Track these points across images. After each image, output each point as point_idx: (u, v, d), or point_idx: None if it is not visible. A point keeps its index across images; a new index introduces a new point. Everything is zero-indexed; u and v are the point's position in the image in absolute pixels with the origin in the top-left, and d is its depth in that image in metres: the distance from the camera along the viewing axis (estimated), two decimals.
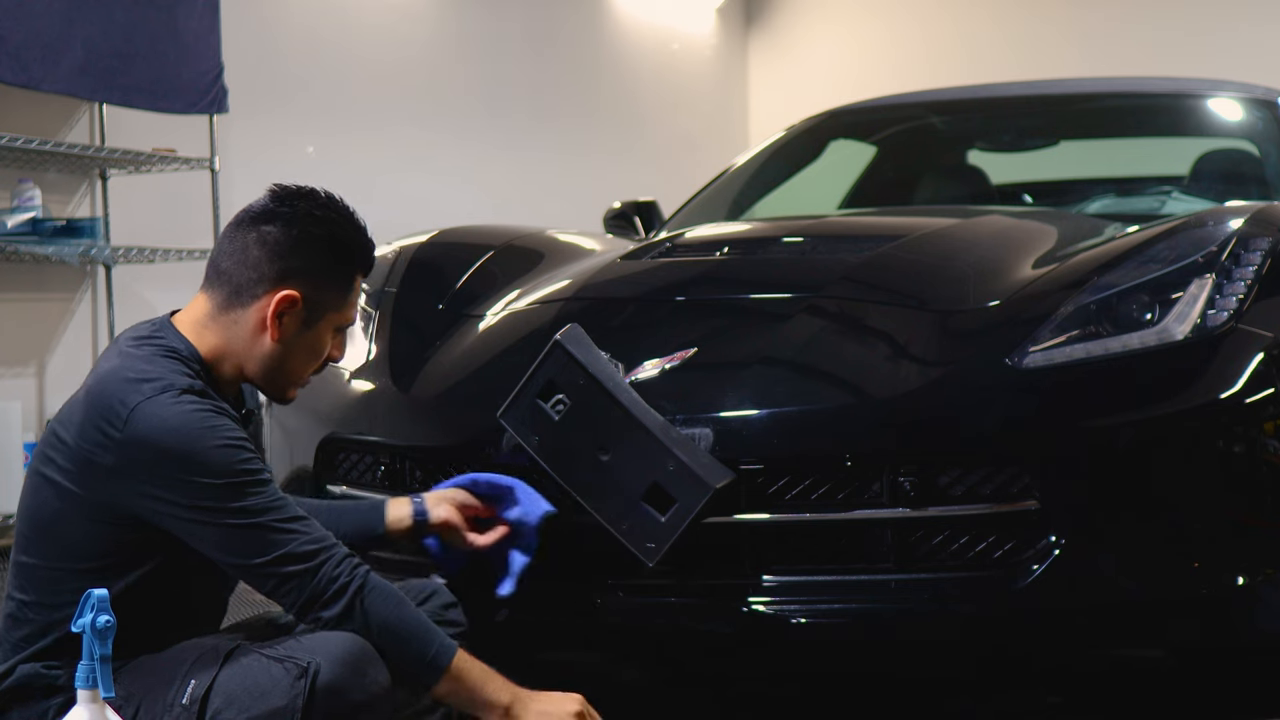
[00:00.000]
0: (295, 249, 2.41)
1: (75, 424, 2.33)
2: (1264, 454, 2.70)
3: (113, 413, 2.28)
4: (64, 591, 2.32)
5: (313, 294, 2.42)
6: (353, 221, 2.50)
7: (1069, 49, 9.16)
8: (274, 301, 2.40)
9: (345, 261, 2.47)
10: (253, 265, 2.41)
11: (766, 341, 2.91)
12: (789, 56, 10.20)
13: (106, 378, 2.34)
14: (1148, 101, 4.97)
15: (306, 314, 2.43)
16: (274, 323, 2.40)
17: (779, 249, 3.49)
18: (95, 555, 2.32)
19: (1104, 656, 2.76)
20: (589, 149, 8.77)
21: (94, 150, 5.76)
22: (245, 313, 2.41)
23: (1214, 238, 2.93)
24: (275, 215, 2.43)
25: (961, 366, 2.83)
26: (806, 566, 2.71)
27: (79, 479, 2.31)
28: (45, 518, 2.35)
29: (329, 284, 2.45)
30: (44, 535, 2.35)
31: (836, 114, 5.11)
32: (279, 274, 2.40)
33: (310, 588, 2.29)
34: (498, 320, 3.25)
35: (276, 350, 2.42)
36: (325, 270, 2.44)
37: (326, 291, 2.44)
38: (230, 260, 2.43)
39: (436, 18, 7.85)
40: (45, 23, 5.37)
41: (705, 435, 2.71)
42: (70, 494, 2.31)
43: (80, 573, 2.32)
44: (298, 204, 2.45)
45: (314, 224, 2.43)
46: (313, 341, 2.46)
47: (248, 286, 2.41)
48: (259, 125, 6.74)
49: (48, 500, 2.34)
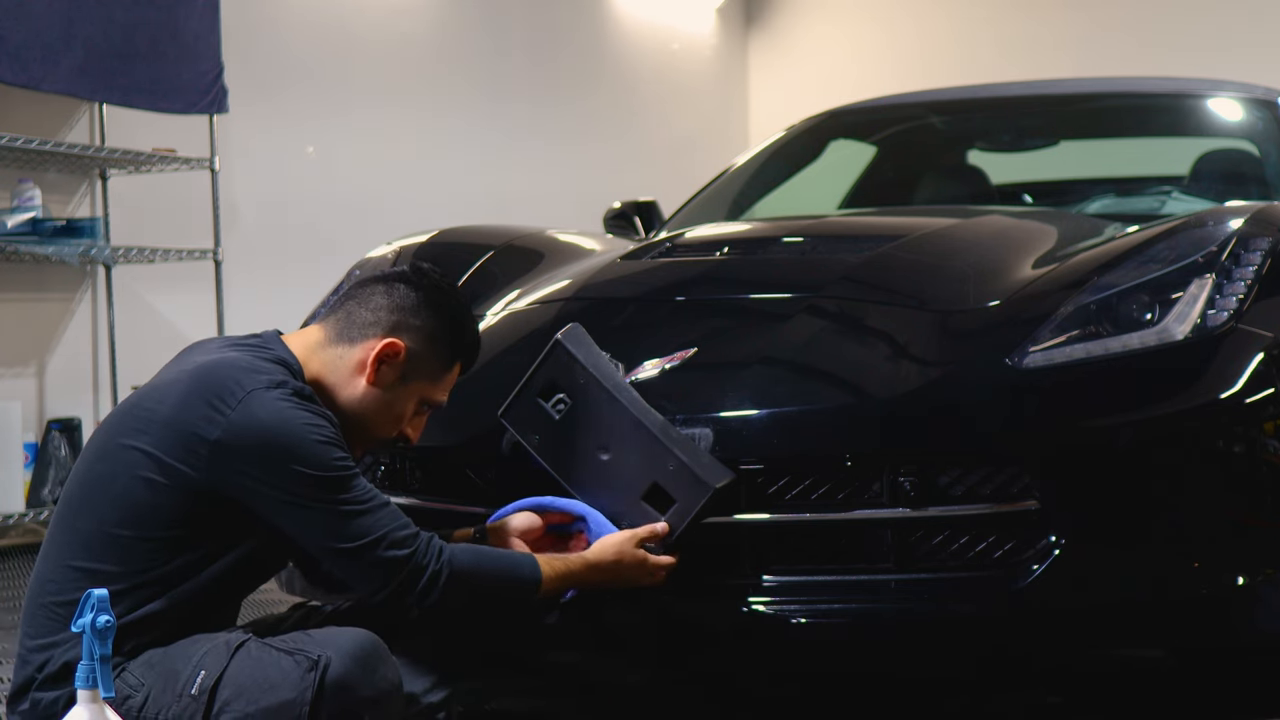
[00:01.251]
0: (416, 309, 2.55)
1: (174, 400, 2.37)
2: (1264, 454, 2.70)
3: (227, 391, 2.34)
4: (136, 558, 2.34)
5: (416, 353, 2.53)
6: (470, 314, 2.65)
7: (1069, 49, 9.16)
8: (380, 345, 2.51)
9: (453, 340, 2.59)
10: (373, 309, 2.54)
11: (766, 341, 2.91)
12: (789, 56, 10.19)
13: (219, 365, 2.40)
14: (1148, 101, 4.97)
15: (404, 369, 2.53)
16: (374, 366, 2.51)
17: (779, 249, 3.49)
18: (164, 525, 2.34)
19: (1104, 656, 2.76)
20: (589, 149, 8.77)
21: (94, 150, 5.76)
22: (351, 350, 2.52)
23: (1214, 238, 2.93)
24: (408, 278, 2.58)
25: (961, 366, 2.83)
26: (806, 566, 2.71)
27: (173, 450, 2.33)
28: (119, 485, 2.36)
29: (432, 353, 2.56)
30: (108, 499, 2.36)
31: (836, 114, 5.11)
32: (393, 325, 2.53)
33: (407, 569, 2.36)
34: (498, 320, 3.25)
35: (367, 395, 2.51)
36: (434, 338, 2.55)
37: (427, 359, 2.55)
38: (354, 301, 2.57)
39: (437, 18, 7.85)
40: (45, 23, 5.37)
41: (705, 435, 2.71)
42: (158, 462, 2.34)
43: (140, 541, 2.33)
44: (432, 276, 2.61)
45: (439, 295, 2.58)
46: (398, 402, 2.55)
47: (361, 327, 2.53)
48: (259, 125, 6.74)
49: (126, 466, 2.36)
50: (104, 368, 6.12)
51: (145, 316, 6.27)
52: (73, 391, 6.03)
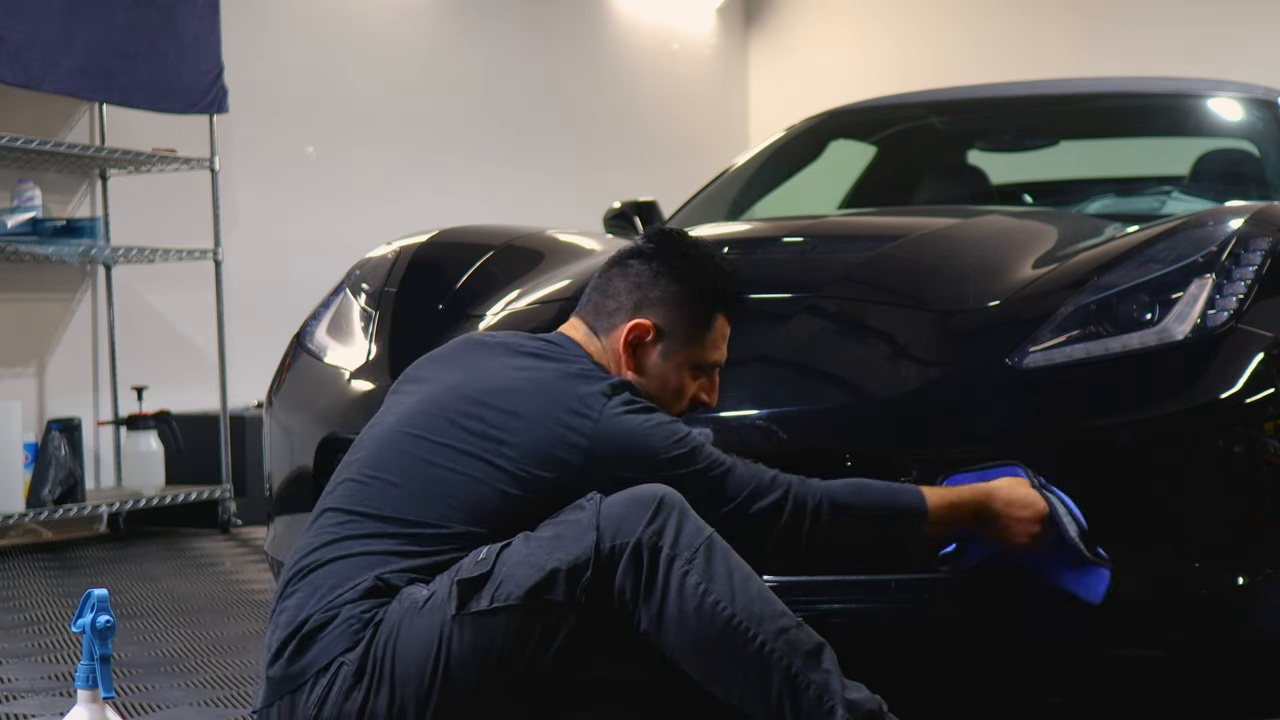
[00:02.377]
0: (654, 281, 2.51)
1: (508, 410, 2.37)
2: (1264, 454, 2.70)
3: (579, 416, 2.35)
4: None
5: (667, 325, 2.50)
6: (715, 261, 2.57)
7: (1069, 49, 9.16)
8: (626, 330, 2.49)
9: (703, 296, 2.52)
10: (614, 296, 2.53)
11: (766, 341, 2.91)
12: (789, 56, 10.19)
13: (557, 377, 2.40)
14: (1148, 101, 4.97)
15: (662, 346, 2.50)
16: (627, 352, 2.49)
17: (779, 249, 3.49)
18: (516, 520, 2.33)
19: (1104, 656, 2.76)
20: (589, 148, 8.77)
21: (94, 150, 5.76)
22: (608, 341, 2.52)
23: (1214, 238, 2.93)
24: (641, 252, 2.55)
25: (961, 366, 2.83)
26: (807, 566, 2.71)
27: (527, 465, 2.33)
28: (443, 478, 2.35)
29: (684, 318, 2.51)
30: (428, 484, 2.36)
31: (836, 114, 5.11)
32: (635, 305, 2.51)
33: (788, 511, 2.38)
34: (498, 320, 3.25)
35: (638, 383, 2.48)
36: (680, 303, 2.51)
37: (681, 325, 2.51)
38: (597, 293, 2.56)
39: (437, 18, 7.85)
40: (45, 23, 5.37)
41: (705, 435, 2.71)
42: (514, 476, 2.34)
43: None
44: (663, 240, 2.56)
45: (675, 257, 2.53)
46: (670, 377, 2.52)
47: (609, 315, 2.52)
48: (259, 125, 6.74)
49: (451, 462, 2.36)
50: (104, 368, 6.12)
51: (145, 316, 6.27)
52: (73, 391, 6.03)
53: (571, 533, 2.24)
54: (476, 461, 2.35)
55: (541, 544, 2.24)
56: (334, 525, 2.36)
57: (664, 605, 2.20)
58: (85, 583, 4.68)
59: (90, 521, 5.96)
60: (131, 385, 6.00)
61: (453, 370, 2.50)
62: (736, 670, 2.21)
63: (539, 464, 2.34)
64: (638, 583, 2.21)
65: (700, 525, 2.24)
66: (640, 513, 2.23)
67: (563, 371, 2.43)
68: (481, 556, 2.25)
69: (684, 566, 2.20)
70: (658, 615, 2.21)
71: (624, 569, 2.21)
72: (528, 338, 2.54)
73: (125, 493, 5.85)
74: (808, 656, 2.21)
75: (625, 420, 2.36)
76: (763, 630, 2.20)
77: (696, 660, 2.23)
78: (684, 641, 2.21)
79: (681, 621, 2.20)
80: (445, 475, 2.35)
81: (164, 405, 6.01)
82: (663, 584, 2.20)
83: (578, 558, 2.21)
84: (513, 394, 2.40)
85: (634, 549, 2.21)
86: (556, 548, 2.22)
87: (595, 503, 2.27)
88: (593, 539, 2.21)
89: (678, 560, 2.20)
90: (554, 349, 2.50)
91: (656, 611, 2.21)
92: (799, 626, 2.23)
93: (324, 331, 3.40)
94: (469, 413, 2.39)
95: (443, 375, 2.50)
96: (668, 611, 2.20)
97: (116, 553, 5.45)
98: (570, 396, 2.37)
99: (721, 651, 2.21)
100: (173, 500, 5.77)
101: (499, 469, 2.34)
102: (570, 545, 2.22)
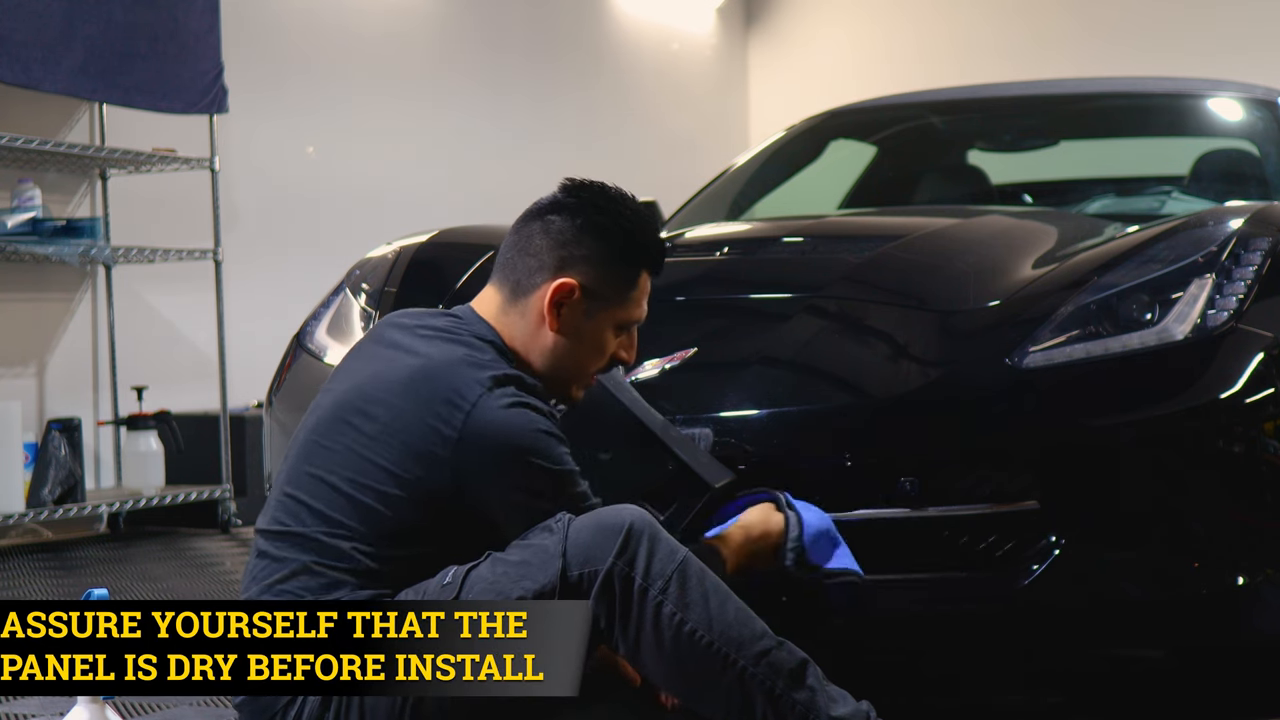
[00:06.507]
0: (578, 237, 2.41)
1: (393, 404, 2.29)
2: (1264, 454, 2.70)
3: (451, 406, 2.26)
4: None
5: (592, 284, 2.41)
6: (639, 215, 2.48)
7: (1068, 49, 9.16)
8: (551, 290, 2.39)
9: (628, 253, 2.44)
10: (535, 254, 2.42)
11: (766, 341, 2.91)
12: (789, 56, 10.19)
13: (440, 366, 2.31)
14: (1148, 101, 4.97)
15: (586, 305, 2.41)
16: (551, 312, 2.39)
17: (779, 249, 3.49)
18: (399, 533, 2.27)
19: (1104, 656, 2.76)
20: (589, 148, 8.77)
21: (94, 150, 5.76)
22: (528, 303, 2.41)
23: (1214, 238, 2.93)
24: (561, 206, 2.44)
25: (961, 366, 2.83)
26: None
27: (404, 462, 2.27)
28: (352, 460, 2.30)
29: (609, 275, 2.42)
30: None
31: (836, 114, 5.11)
32: (559, 262, 2.40)
33: None
34: None
35: (558, 343, 2.40)
36: (606, 260, 2.41)
37: (607, 283, 2.42)
38: (515, 251, 2.44)
39: (437, 18, 7.85)
40: (45, 23, 5.37)
41: (705, 435, 2.71)
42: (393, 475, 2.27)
43: None
44: (584, 194, 2.45)
45: (598, 213, 2.43)
46: (593, 336, 2.43)
47: (529, 274, 2.41)
48: (259, 125, 6.74)
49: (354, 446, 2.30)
50: (104, 368, 6.12)
51: (145, 316, 6.27)
52: (73, 391, 6.03)
53: (538, 559, 2.19)
54: (365, 463, 2.28)
55: (508, 569, 2.19)
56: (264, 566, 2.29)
57: (640, 636, 2.17)
58: (85, 583, 4.68)
59: (90, 521, 5.96)
60: (131, 385, 6.00)
61: (366, 363, 2.41)
62: (719, 696, 2.18)
63: (415, 460, 2.26)
64: (611, 613, 2.17)
65: (673, 549, 2.20)
66: (609, 541, 2.18)
67: (450, 358, 2.33)
68: (448, 580, 2.21)
69: (657, 596, 2.16)
70: (635, 644, 2.18)
71: (596, 599, 2.16)
72: (436, 314, 2.45)
73: (125, 493, 5.85)
74: (790, 676, 2.18)
75: (499, 415, 2.27)
76: (742, 655, 2.17)
77: (679, 686, 2.20)
78: (663, 669, 2.18)
79: (659, 651, 2.17)
80: (343, 487, 2.27)
81: (164, 405, 6.01)
82: (637, 615, 2.17)
83: (544, 585, 2.16)
84: (400, 385, 2.31)
85: (605, 580, 2.16)
86: (523, 575, 2.18)
87: (563, 525, 2.22)
88: (559, 566, 2.17)
89: (651, 590, 2.16)
90: (457, 326, 2.41)
91: (634, 641, 2.18)
92: (780, 646, 2.20)
93: (324, 331, 3.40)
94: (365, 411, 2.31)
95: (353, 369, 2.42)
96: (644, 641, 2.17)
97: (116, 553, 5.45)
98: (447, 387, 2.28)
99: (702, 678, 2.17)
100: (173, 500, 5.77)
101: (381, 468, 2.27)
102: (536, 573, 2.18)
